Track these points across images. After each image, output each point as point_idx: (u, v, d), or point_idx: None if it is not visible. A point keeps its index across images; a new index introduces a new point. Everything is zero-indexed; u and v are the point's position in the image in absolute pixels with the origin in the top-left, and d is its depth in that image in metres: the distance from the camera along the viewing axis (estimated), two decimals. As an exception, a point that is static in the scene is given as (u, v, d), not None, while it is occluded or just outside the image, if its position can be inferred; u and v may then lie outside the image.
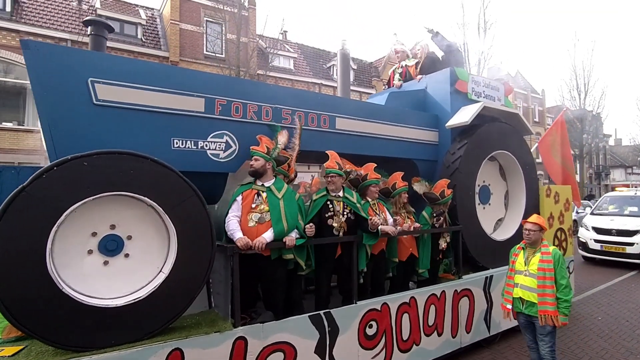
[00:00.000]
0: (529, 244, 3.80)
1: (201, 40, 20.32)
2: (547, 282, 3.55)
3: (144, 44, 19.22)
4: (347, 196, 3.98)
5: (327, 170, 3.95)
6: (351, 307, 3.85)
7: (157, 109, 3.44)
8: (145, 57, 18.30)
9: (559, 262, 3.60)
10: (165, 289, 2.96)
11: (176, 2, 19.47)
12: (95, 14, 18.24)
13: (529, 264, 3.73)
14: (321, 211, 3.87)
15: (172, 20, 19.39)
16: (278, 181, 3.66)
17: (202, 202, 3.15)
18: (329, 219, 3.86)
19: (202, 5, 20.13)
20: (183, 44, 19.79)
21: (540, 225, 3.75)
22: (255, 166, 3.54)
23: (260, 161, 3.55)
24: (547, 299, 3.53)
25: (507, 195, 5.90)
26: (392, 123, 4.87)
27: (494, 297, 5.12)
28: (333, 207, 3.90)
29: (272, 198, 3.53)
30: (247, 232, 3.39)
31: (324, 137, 4.33)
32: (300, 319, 3.53)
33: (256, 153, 3.57)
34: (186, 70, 3.85)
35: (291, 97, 4.18)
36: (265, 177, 3.59)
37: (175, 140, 3.53)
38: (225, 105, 3.78)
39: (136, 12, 19.92)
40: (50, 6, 17.68)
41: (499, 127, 5.41)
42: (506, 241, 5.47)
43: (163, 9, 20.68)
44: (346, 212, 3.94)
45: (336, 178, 3.91)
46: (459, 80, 5.27)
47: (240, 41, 19.49)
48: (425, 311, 4.40)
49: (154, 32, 20.05)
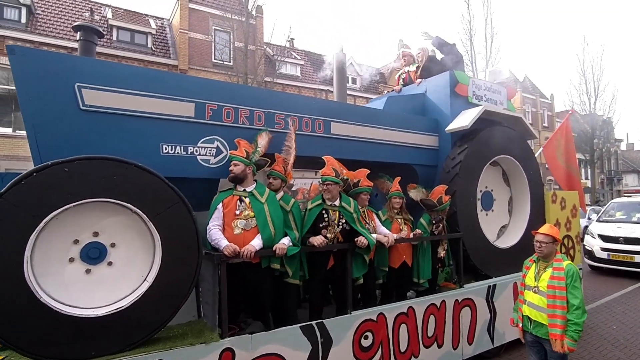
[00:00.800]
0: (541, 257, 3.39)
1: (210, 49, 20.47)
2: (557, 302, 3.13)
3: (154, 52, 19.40)
4: (344, 205, 3.85)
5: (322, 177, 3.83)
6: (345, 318, 3.71)
7: (145, 114, 3.38)
8: (155, 66, 18.47)
9: (572, 280, 3.15)
10: (149, 299, 2.86)
11: (185, 12, 19.66)
12: (107, 24, 18.50)
13: (539, 279, 3.32)
14: (316, 221, 3.74)
15: (182, 29, 19.58)
16: (259, 185, 3.56)
17: (188, 209, 3.05)
18: (322, 229, 3.72)
19: (210, 14, 20.30)
20: (192, 52, 19.94)
21: (552, 236, 3.31)
22: (235, 171, 3.43)
23: (240, 166, 3.45)
24: (557, 321, 3.12)
25: (511, 202, 5.71)
26: (389, 127, 4.74)
27: (498, 307, 4.93)
28: (328, 216, 3.77)
29: (256, 203, 3.43)
30: (234, 240, 3.29)
31: (319, 142, 4.23)
32: (291, 329, 3.40)
33: (235, 158, 3.46)
34: (176, 75, 3.80)
35: (284, 102, 4.09)
36: (246, 182, 3.49)
37: (164, 145, 3.46)
38: (216, 110, 3.70)
39: (146, 22, 20.16)
40: (64, 17, 17.95)
41: (501, 131, 5.24)
42: (510, 249, 5.28)
43: (172, 19, 20.90)
44: (342, 222, 3.80)
45: (332, 186, 3.78)
46: (459, 84, 5.13)
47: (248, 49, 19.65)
48: (424, 321, 4.23)
49: (163, 41, 20.24)
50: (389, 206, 4.45)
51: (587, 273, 10.51)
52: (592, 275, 10.40)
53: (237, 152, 3.50)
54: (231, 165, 3.46)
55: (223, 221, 3.36)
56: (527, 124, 5.57)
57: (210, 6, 20.23)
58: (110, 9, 19.33)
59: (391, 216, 4.39)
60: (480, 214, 5.19)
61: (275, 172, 3.83)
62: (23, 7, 16.54)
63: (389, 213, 4.42)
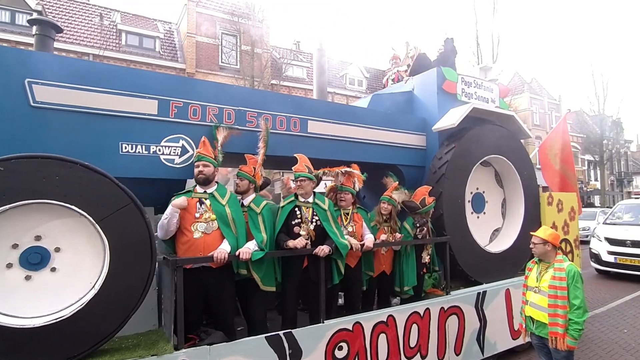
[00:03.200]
0: (542, 259, 3.39)
1: (217, 52, 20.38)
2: (558, 302, 3.14)
3: (162, 56, 19.39)
4: (318, 202, 3.57)
5: (295, 174, 3.56)
6: (317, 327, 3.41)
7: (103, 112, 3.14)
8: (163, 70, 18.43)
9: (573, 280, 3.16)
10: (95, 308, 2.60)
11: (193, 16, 19.61)
12: (116, 28, 18.53)
13: (540, 280, 3.33)
14: (288, 218, 3.48)
15: (189, 33, 19.53)
16: (220, 187, 3.30)
17: (140, 211, 2.80)
18: (295, 227, 3.45)
19: (217, 18, 20.21)
20: (199, 55, 19.88)
21: (543, 239, 3.31)
22: (206, 173, 3.17)
23: (211, 167, 3.19)
24: (559, 320, 3.12)
25: (505, 204, 5.34)
26: (372, 126, 4.43)
27: (489, 315, 4.57)
28: (301, 213, 3.49)
29: (217, 205, 3.16)
30: (194, 244, 3.04)
31: (294, 142, 3.94)
32: (256, 340, 3.11)
33: (206, 159, 3.20)
34: (137, 71, 3.55)
35: (257, 99, 3.81)
36: (211, 184, 3.22)
37: (124, 144, 3.22)
38: (182, 107, 3.45)
39: (155, 27, 20.16)
40: (74, 22, 18.03)
41: (492, 130, 4.89)
42: (502, 253, 4.92)
43: (180, 23, 20.86)
44: (315, 219, 3.52)
45: (305, 182, 3.52)
46: (447, 81, 4.80)
47: (255, 52, 19.53)
48: (406, 331, 3.91)
49: (171, 45, 20.21)
50: (377, 211, 4.14)
51: (594, 277, 10.08)
52: (600, 279, 9.94)
53: (207, 152, 3.23)
54: (200, 166, 3.18)
55: (180, 224, 3.09)
56: (520, 123, 5.19)
57: (217, 10, 20.13)
58: (119, 13, 19.34)
59: (379, 222, 4.07)
60: (470, 217, 4.85)
61: (242, 172, 3.55)
62: (34, 12, 16.54)
63: (377, 218, 4.10)
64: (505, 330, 4.74)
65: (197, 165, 3.21)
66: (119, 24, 18.56)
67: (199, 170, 3.16)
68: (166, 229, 3.03)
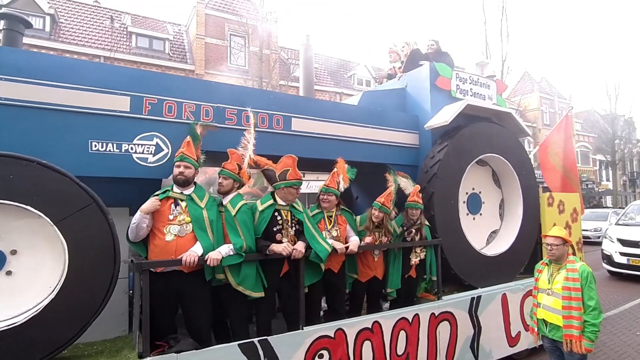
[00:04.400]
0: (554, 260, 3.23)
1: (225, 53, 20.29)
2: (573, 304, 3.01)
3: (171, 58, 19.34)
4: (295, 205, 3.36)
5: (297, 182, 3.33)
6: (295, 334, 3.19)
7: (71, 109, 2.97)
8: (172, 71, 18.38)
9: (587, 281, 3.04)
10: (52, 314, 2.44)
11: (202, 18, 19.55)
12: (127, 31, 18.56)
13: (552, 282, 3.20)
14: (268, 224, 3.24)
15: (198, 34, 19.47)
16: (198, 188, 3.08)
17: (103, 212, 2.62)
18: (277, 234, 3.21)
19: (226, 19, 20.12)
20: (208, 57, 19.80)
21: (563, 238, 3.19)
22: (187, 174, 2.96)
23: (192, 169, 3.00)
24: (574, 322, 2.99)
25: (503, 205, 5.05)
26: (361, 124, 4.20)
27: (484, 321, 4.29)
28: (281, 217, 3.27)
29: (194, 207, 2.95)
30: (165, 247, 2.83)
31: (277, 140, 3.73)
32: (227, 348, 2.90)
33: (189, 160, 2.99)
34: (108, 66, 3.40)
35: (237, 96, 3.61)
36: (189, 185, 3.02)
37: (93, 142, 3.04)
38: (156, 104, 3.26)
39: (164, 29, 20.14)
40: (86, 25, 18.08)
41: (488, 128, 4.61)
42: (499, 256, 4.64)
43: (189, 25, 20.83)
44: (294, 222, 3.30)
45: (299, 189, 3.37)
46: (440, 77, 4.53)
47: (263, 53, 19.39)
48: (392, 338, 3.66)
49: (180, 46, 20.18)
50: (368, 216, 3.83)
51: (606, 278, 9.72)
52: (612, 280, 9.56)
53: (189, 151, 3.02)
54: (182, 167, 2.96)
55: (153, 226, 2.90)
56: (519, 120, 4.89)
57: (226, 12, 20.06)
58: (129, 16, 19.38)
59: (368, 228, 3.78)
60: (465, 218, 4.58)
61: (226, 171, 3.25)
62: (47, 16, 16.71)
63: (367, 224, 3.80)
64: (501, 337, 4.46)
65: (179, 165, 2.99)
66: (129, 27, 18.57)
67: (180, 171, 2.95)
68: (135, 233, 2.84)
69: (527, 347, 4.69)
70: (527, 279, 4.89)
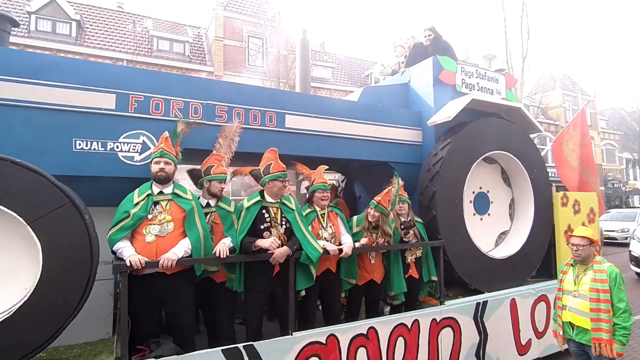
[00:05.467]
0: (579, 261, 3.07)
1: (243, 55, 20.34)
2: (601, 306, 2.85)
3: (191, 60, 19.51)
4: (285, 202, 3.16)
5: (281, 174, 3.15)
6: (283, 340, 2.99)
7: (55, 107, 2.87)
8: (192, 73, 18.51)
9: (615, 282, 2.89)
10: (23, 317, 2.32)
11: (220, 20, 19.66)
12: (148, 34, 18.81)
13: (579, 283, 3.03)
14: (255, 222, 3.09)
15: (217, 37, 19.59)
16: (178, 185, 2.95)
17: (79, 212, 2.50)
18: (265, 232, 3.05)
19: (244, 22, 20.17)
20: (227, 58, 19.91)
21: (589, 239, 3.02)
22: (167, 171, 2.82)
23: (172, 165, 2.85)
24: (602, 325, 2.84)
25: (513, 204, 4.72)
26: (361, 121, 3.98)
27: (490, 327, 3.99)
28: (269, 215, 3.10)
29: (184, 202, 2.84)
30: (145, 248, 2.69)
31: (270, 137, 3.56)
32: (210, 353, 2.74)
33: (169, 155, 2.85)
34: (93, 64, 3.29)
35: (227, 92, 3.45)
36: (169, 183, 2.88)
37: (77, 141, 2.94)
38: (142, 101, 3.14)
39: (184, 31, 20.32)
40: (109, 30, 18.42)
41: (496, 124, 4.29)
42: (508, 259, 4.33)
43: (209, 27, 20.97)
44: (284, 221, 3.12)
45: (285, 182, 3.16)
46: (444, 71, 4.24)
47: (280, 54, 19.33)
48: (390, 345, 3.43)
49: (200, 48, 20.33)
50: (365, 216, 3.62)
51: (634, 281, 9.11)
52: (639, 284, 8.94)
53: (168, 147, 2.88)
54: (162, 163, 2.82)
55: None
56: (529, 115, 4.55)
57: (244, 14, 20.10)
58: (151, 20, 19.63)
59: (364, 227, 3.56)
60: (472, 219, 4.30)
61: (223, 176, 3.17)
62: (73, 22, 17.08)
63: (363, 224, 3.59)
64: (510, 345, 4.15)
65: (158, 162, 2.85)
66: (150, 30, 18.82)
67: (160, 167, 2.81)
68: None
69: (539, 355, 4.37)
70: (538, 283, 4.56)
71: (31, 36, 15.97)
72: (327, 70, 22.69)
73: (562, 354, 4.56)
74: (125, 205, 2.76)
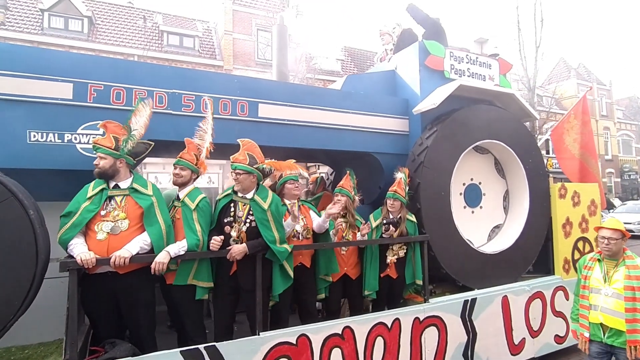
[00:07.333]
0: (608, 256, 2.78)
1: (253, 48, 20.12)
2: (637, 305, 2.58)
3: (201, 54, 19.38)
4: (257, 199, 2.91)
5: (232, 164, 2.93)
6: (249, 340, 2.78)
7: (6, 97, 2.68)
8: (202, 67, 18.42)
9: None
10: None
11: (229, 14, 19.43)
12: (159, 30, 18.73)
13: (610, 280, 2.73)
14: (220, 215, 2.88)
15: (226, 31, 19.40)
16: (138, 178, 2.72)
17: (23, 207, 2.31)
18: (226, 226, 2.84)
19: (253, 15, 19.92)
20: (236, 52, 19.72)
21: (622, 231, 2.73)
22: (101, 166, 2.57)
23: (108, 159, 2.58)
24: (639, 326, 2.57)
25: (508, 197, 4.38)
26: (342, 110, 3.70)
27: (480, 326, 3.71)
28: (235, 211, 2.87)
29: (142, 198, 2.62)
30: (97, 246, 2.47)
31: (242, 127, 3.31)
32: (168, 355, 2.54)
33: (100, 149, 2.58)
34: (48, 51, 3.09)
35: (193, 81, 3.22)
36: (118, 177, 2.63)
37: (32, 132, 2.76)
38: (102, 90, 2.93)
39: (194, 26, 20.18)
40: (120, 26, 18.40)
41: (486, 111, 3.95)
42: (500, 254, 4.02)
43: (218, 21, 20.78)
44: (250, 219, 2.88)
45: (243, 176, 2.87)
46: (431, 56, 3.90)
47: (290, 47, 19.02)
48: (367, 346, 3.19)
49: (209, 43, 20.16)
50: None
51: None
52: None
53: (103, 140, 2.62)
54: (97, 159, 2.60)
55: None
56: (523, 102, 4.15)
57: (252, 7, 19.83)
58: (161, 15, 19.55)
59: (334, 217, 3.36)
60: (462, 212, 4.00)
61: (184, 161, 2.91)
62: (85, 18, 17.10)
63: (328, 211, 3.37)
64: (501, 344, 3.85)
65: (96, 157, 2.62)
66: (160, 25, 18.74)
67: (95, 163, 2.58)
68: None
69: (534, 355, 4.06)
70: (533, 279, 4.24)
71: (44, 33, 16.05)
72: (337, 63, 22.29)
73: (558, 353, 4.26)
74: (77, 198, 2.56)
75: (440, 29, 4.28)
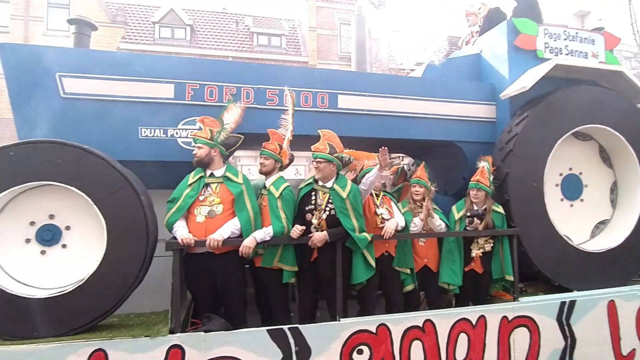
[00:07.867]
0: None
1: (335, 42, 20.37)
2: None
3: (287, 52, 20.11)
4: (336, 188, 2.98)
5: (313, 154, 3.04)
6: (330, 325, 2.87)
7: (123, 99, 3.10)
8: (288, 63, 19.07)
9: None
10: (92, 286, 2.57)
11: (313, 11, 19.89)
12: (249, 31, 19.85)
13: None
14: (302, 203, 3.02)
15: (310, 27, 19.90)
16: (231, 167, 2.98)
17: (136, 193, 2.67)
18: (307, 214, 2.97)
19: (335, 9, 20.13)
20: (320, 47, 20.12)
21: None
22: (198, 155, 2.87)
23: (204, 149, 2.87)
24: None
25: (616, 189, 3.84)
26: (423, 97, 3.58)
27: (580, 332, 3.34)
28: (316, 199, 2.98)
29: (233, 185, 2.87)
30: (195, 228, 2.78)
31: (322, 119, 3.39)
32: (256, 332, 2.75)
33: (198, 140, 2.89)
34: (153, 57, 3.47)
35: (276, 76, 3.38)
36: (212, 165, 2.91)
37: (143, 129, 3.15)
38: (198, 89, 3.24)
39: (280, 25, 21.00)
40: (217, 31, 19.89)
41: (587, 92, 3.49)
42: (607, 253, 3.56)
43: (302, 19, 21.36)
44: (329, 207, 2.96)
45: (323, 164, 2.97)
46: (522, 35, 3.55)
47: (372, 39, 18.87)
48: (450, 341, 3.08)
49: (295, 40, 20.80)
50: (409, 196, 3.38)
51: None
52: None
53: (201, 133, 2.94)
54: (195, 148, 2.92)
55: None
56: (635, 80, 3.59)
57: (335, 2, 20.05)
58: (251, 18, 20.67)
59: (411, 208, 3.31)
60: (558, 205, 3.63)
61: (267, 151, 3.10)
62: (187, 27, 18.79)
63: (409, 205, 3.34)
64: (606, 354, 3.43)
65: (194, 147, 2.94)
66: (251, 27, 19.85)
67: (194, 152, 2.90)
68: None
69: None
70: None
71: (156, 43, 17.95)
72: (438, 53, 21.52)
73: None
74: (180, 186, 2.89)
75: (534, 2, 3.88)
